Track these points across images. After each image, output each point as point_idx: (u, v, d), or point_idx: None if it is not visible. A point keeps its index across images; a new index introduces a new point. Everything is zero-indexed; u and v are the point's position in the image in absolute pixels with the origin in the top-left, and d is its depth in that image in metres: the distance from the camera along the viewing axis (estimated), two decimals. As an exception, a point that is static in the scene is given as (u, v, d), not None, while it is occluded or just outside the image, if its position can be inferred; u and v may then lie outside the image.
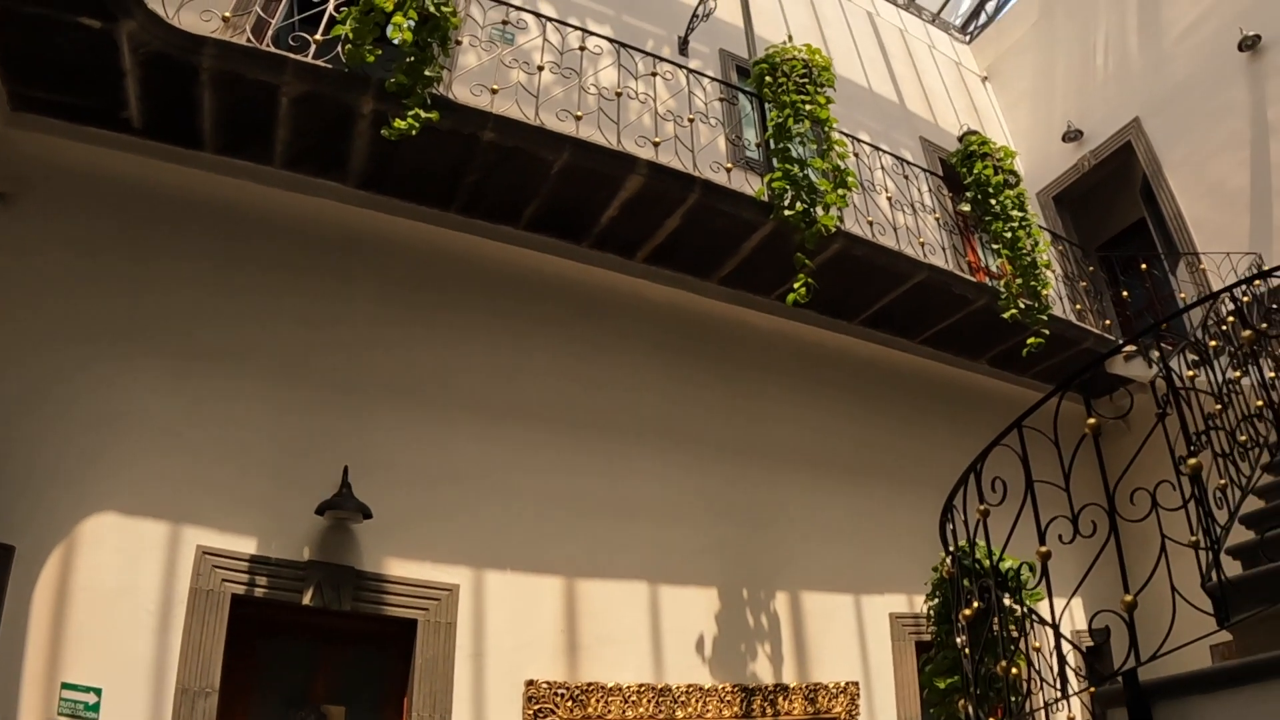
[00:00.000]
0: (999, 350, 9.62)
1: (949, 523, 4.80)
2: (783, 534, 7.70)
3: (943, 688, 6.10)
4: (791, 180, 7.18)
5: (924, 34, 14.62)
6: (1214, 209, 11.29)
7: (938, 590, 6.42)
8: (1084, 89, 13.60)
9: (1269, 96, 11.07)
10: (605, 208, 6.97)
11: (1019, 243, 9.06)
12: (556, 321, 7.29)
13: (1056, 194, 13.36)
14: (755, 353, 8.35)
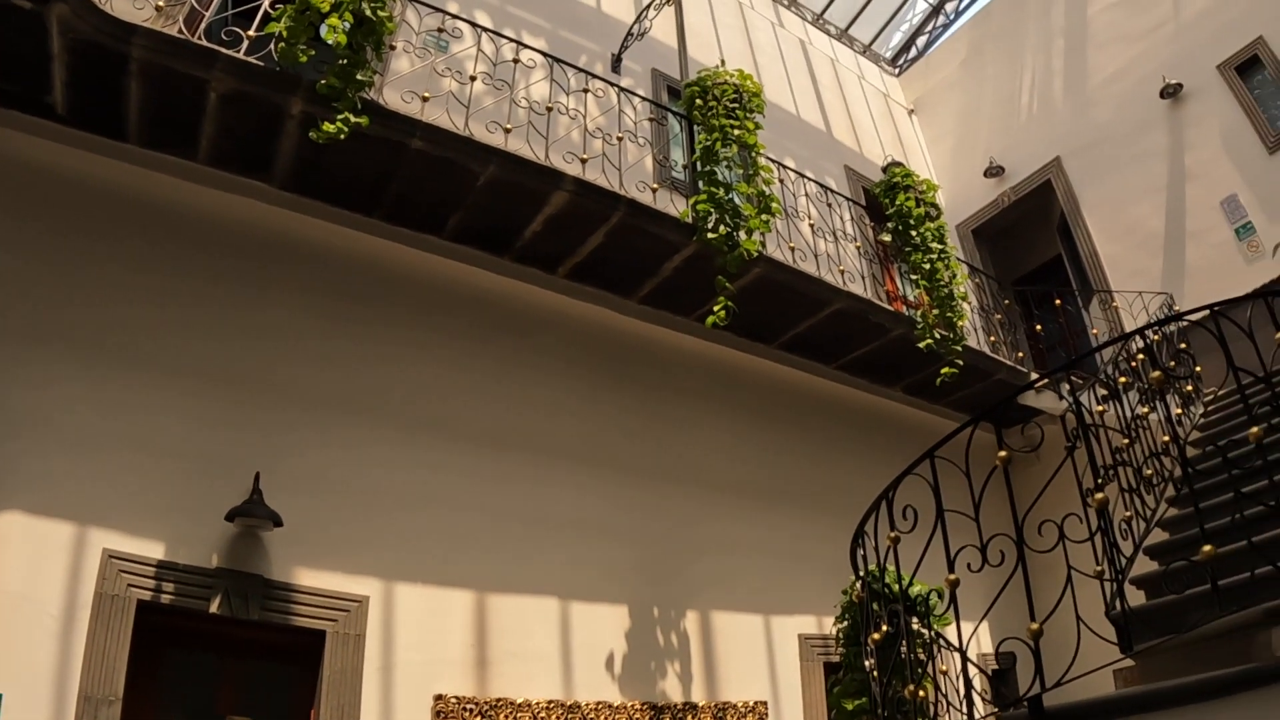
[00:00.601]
0: (914, 379, 9.84)
1: (860, 548, 4.88)
2: (695, 554, 7.79)
3: (851, 709, 6.21)
4: (716, 203, 7.28)
5: (854, 65, 14.94)
6: (1129, 249, 11.70)
7: (847, 613, 6.56)
8: (1008, 127, 14.03)
9: (1187, 143, 11.57)
10: (530, 222, 7.01)
11: (937, 274, 9.27)
12: (477, 336, 7.29)
13: (976, 227, 13.78)
14: (674, 374, 8.45)
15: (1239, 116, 11.26)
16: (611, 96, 8.11)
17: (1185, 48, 12.08)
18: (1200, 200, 11.33)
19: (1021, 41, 14.34)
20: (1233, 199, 10.94)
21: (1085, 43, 13.39)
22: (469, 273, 7.36)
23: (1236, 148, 11.20)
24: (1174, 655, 4.41)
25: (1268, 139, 10.85)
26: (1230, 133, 11.32)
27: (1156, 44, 12.45)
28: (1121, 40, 12.93)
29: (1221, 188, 11.13)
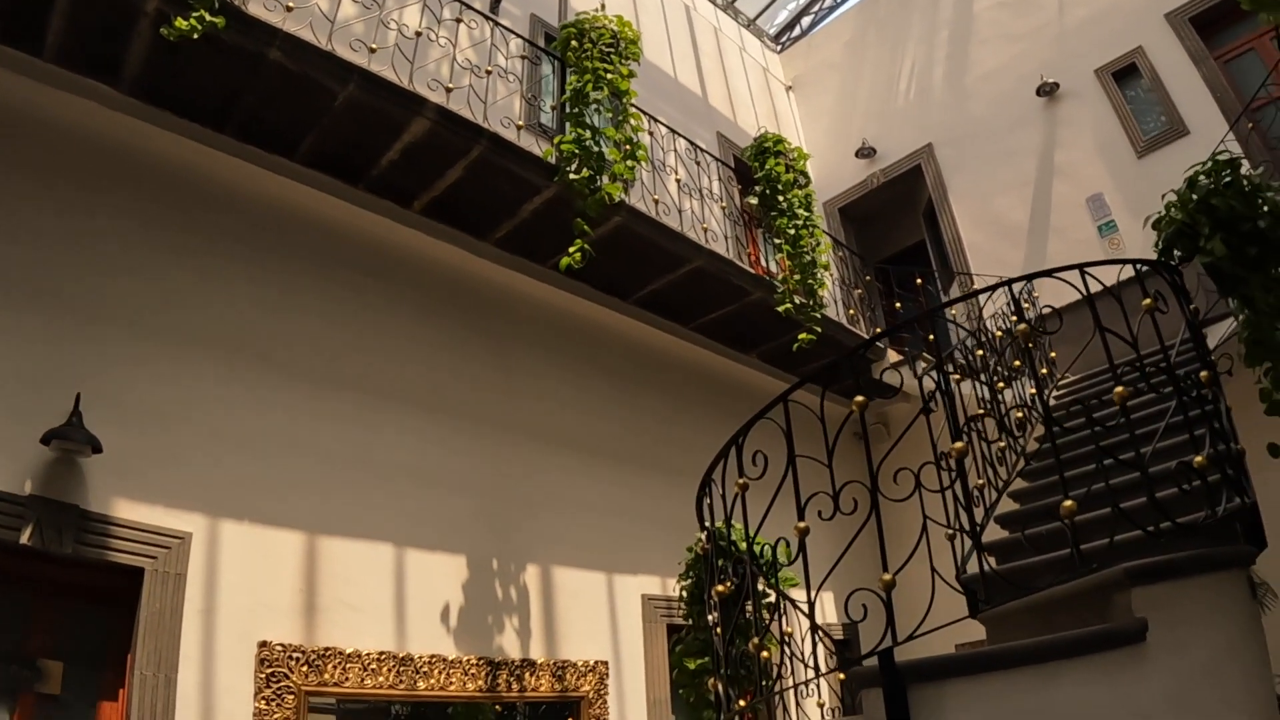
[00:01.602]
0: (770, 346, 10.02)
1: (706, 497, 4.85)
2: (539, 508, 7.71)
3: (693, 668, 6.26)
4: (582, 146, 7.22)
5: (737, 36, 15.03)
6: (992, 238, 12.07)
7: (691, 570, 6.58)
8: (884, 112, 14.33)
9: (1059, 141, 12.05)
10: (387, 150, 6.83)
11: (801, 240, 9.42)
12: (323, 269, 7.01)
13: (843, 206, 14.11)
14: (527, 323, 8.37)
15: (1112, 120, 11.75)
16: (485, 30, 8.00)
17: (1066, 50, 12.56)
18: (1066, 197, 11.79)
19: (906, 30, 14.65)
20: (1098, 198, 11.40)
21: (969, 37, 13.77)
22: (320, 201, 7.10)
23: (1107, 150, 11.69)
24: (1022, 621, 4.53)
25: (1137, 144, 11.36)
26: (1102, 135, 11.80)
27: (1038, 44, 12.91)
28: (1004, 38, 13.35)
29: (1088, 186, 11.61)
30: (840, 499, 3.73)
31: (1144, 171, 11.12)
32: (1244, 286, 5.34)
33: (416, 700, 6.33)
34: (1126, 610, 3.47)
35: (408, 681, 6.19)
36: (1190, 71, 11.32)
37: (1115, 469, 4.46)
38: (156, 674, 5.25)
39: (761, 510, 4.07)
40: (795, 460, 3.97)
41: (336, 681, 5.85)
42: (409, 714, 6.45)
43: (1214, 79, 11.10)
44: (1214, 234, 5.46)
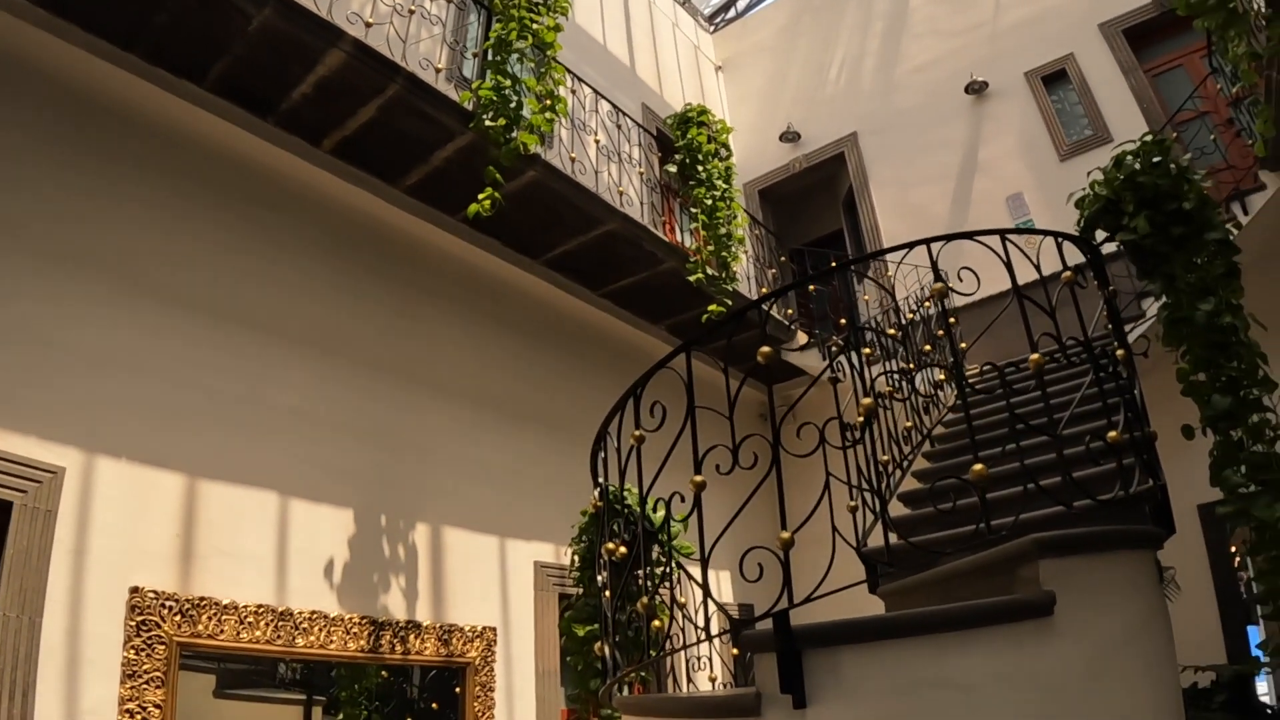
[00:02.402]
0: (679, 318, 10.02)
1: (601, 451, 4.76)
2: (432, 466, 7.53)
3: (581, 635, 6.18)
4: (500, 94, 7.13)
5: (671, 12, 15.00)
6: (911, 229, 12.14)
7: (584, 533, 6.54)
8: (812, 98, 14.46)
9: (983, 138, 12.31)
10: (300, 83, 6.61)
11: (718, 212, 9.47)
12: (226, 197, 6.74)
13: (764, 188, 14.23)
14: (433, 275, 8.20)
15: (1038, 122, 12.06)
16: (409, -35, 7.83)
17: (998, 50, 12.84)
18: (987, 193, 12.06)
19: (840, 19, 14.81)
20: (1018, 197, 11.66)
21: (903, 31, 13.98)
22: (226, 131, 6.84)
23: (1030, 150, 11.99)
24: (925, 598, 4.50)
25: (1061, 147, 11.71)
26: (1027, 136, 12.08)
27: (971, 43, 13.18)
28: (938, 34, 13.59)
29: (1010, 185, 11.89)
30: (740, 455, 3.60)
31: (1066, 175, 11.30)
32: (1166, 265, 5.50)
33: (294, 658, 6.01)
34: (1034, 583, 3.41)
35: (286, 637, 5.88)
36: (1119, 81, 11.60)
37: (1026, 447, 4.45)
38: (20, 616, 4.96)
39: (660, 468, 3.99)
40: (695, 411, 3.85)
41: (211, 634, 5.53)
42: (293, 676, 6.11)
43: (1142, 90, 11.37)
44: (1139, 212, 5.67)
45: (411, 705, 6.55)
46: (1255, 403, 5.26)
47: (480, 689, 6.94)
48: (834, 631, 3.17)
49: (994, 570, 3.77)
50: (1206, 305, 5.38)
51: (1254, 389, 5.28)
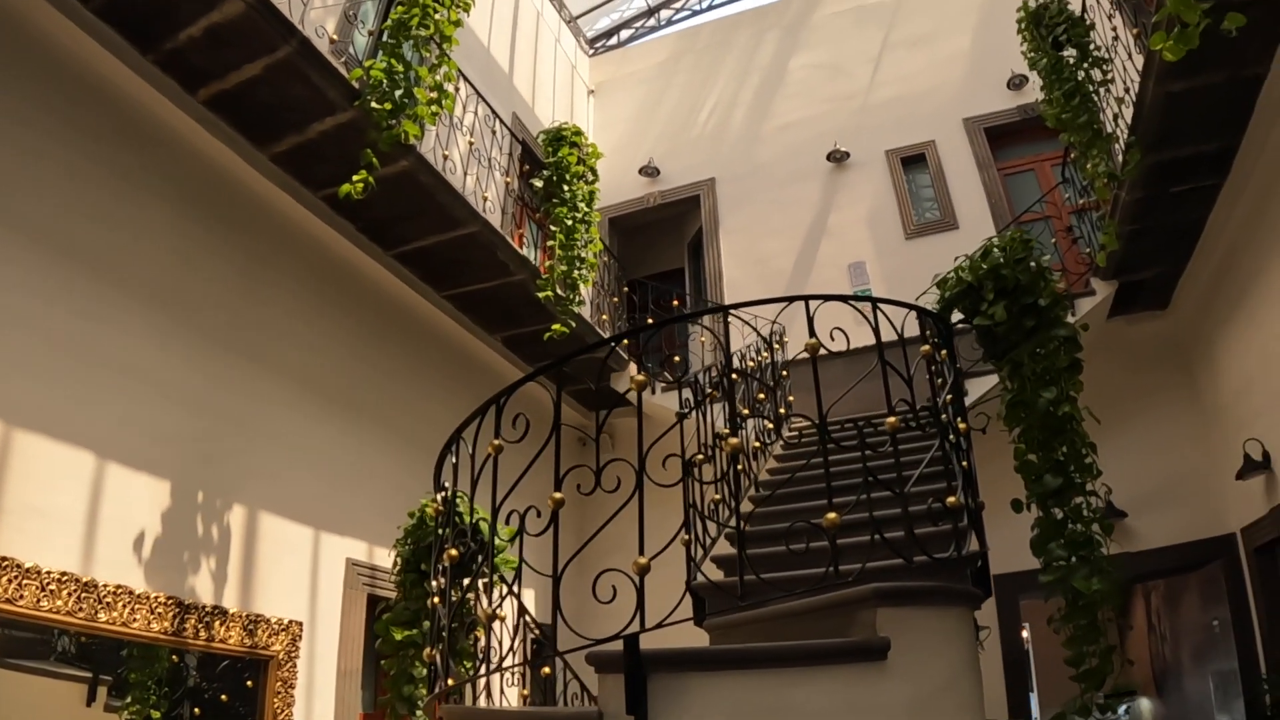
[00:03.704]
0: (518, 331, 9.98)
1: (452, 456, 4.69)
2: (257, 445, 7.11)
3: (400, 639, 6.05)
4: (392, 78, 6.93)
5: (556, 28, 14.96)
6: (753, 279, 12.50)
7: (410, 536, 6.38)
8: (677, 137, 14.65)
9: (836, 204, 12.75)
10: (190, 24, 6.20)
11: (575, 234, 9.41)
12: (75, 124, 6.13)
13: (615, 217, 14.24)
14: (282, 249, 7.79)
15: (890, 199, 12.55)
16: (318, -68, 7.53)
17: (864, 124, 13.34)
18: (831, 256, 12.44)
19: (719, 66, 15.12)
20: (860, 266, 12.02)
21: (777, 88, 14.36)
22: (92, 53, 6.29)
23: (879, 224, 12.46)
24: (749, 635, 4.70)
25: (908, 226, 12.21)
26: (878, 209, 12.56)
27: (841, 112, 13.66)
28: (810, 98, 14.02)
29: (853, 253, 12.28)
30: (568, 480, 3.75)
31: (909, 252, 11.86)
32: (1015, 353, 5.83)
33: (94, 633, 5.45)
34: (871, 628, 3.66)
35: (89, 611, 5.36)
36: (973, 175, 12.15)
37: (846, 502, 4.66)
38: None
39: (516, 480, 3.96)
40: (560, 428, 3.93)
41: (10, 598, 4.95)
42: (77, 652, 5.48)
43: (992, 186, 11.93)
44: (998, 301, 6.09)
45: (200, 694, 6.15)
46: (1080, 486, 5.81)
47: (282, 685, 6.58)
48: (684, 658, 3.41)
49: (829, 613, 4.03)
50: (1048, 394, 5.88)
51: (1079, 474, 5.82)
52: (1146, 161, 7.52)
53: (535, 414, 4.03)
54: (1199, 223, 8.68)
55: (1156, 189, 7.97)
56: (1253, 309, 8.26)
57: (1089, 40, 8.40)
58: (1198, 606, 10.27)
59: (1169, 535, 9.54)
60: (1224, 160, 7.74)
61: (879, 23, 14.48)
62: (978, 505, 4.72)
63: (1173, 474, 9.75)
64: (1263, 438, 8.20)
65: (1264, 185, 7.56)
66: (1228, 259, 8.63)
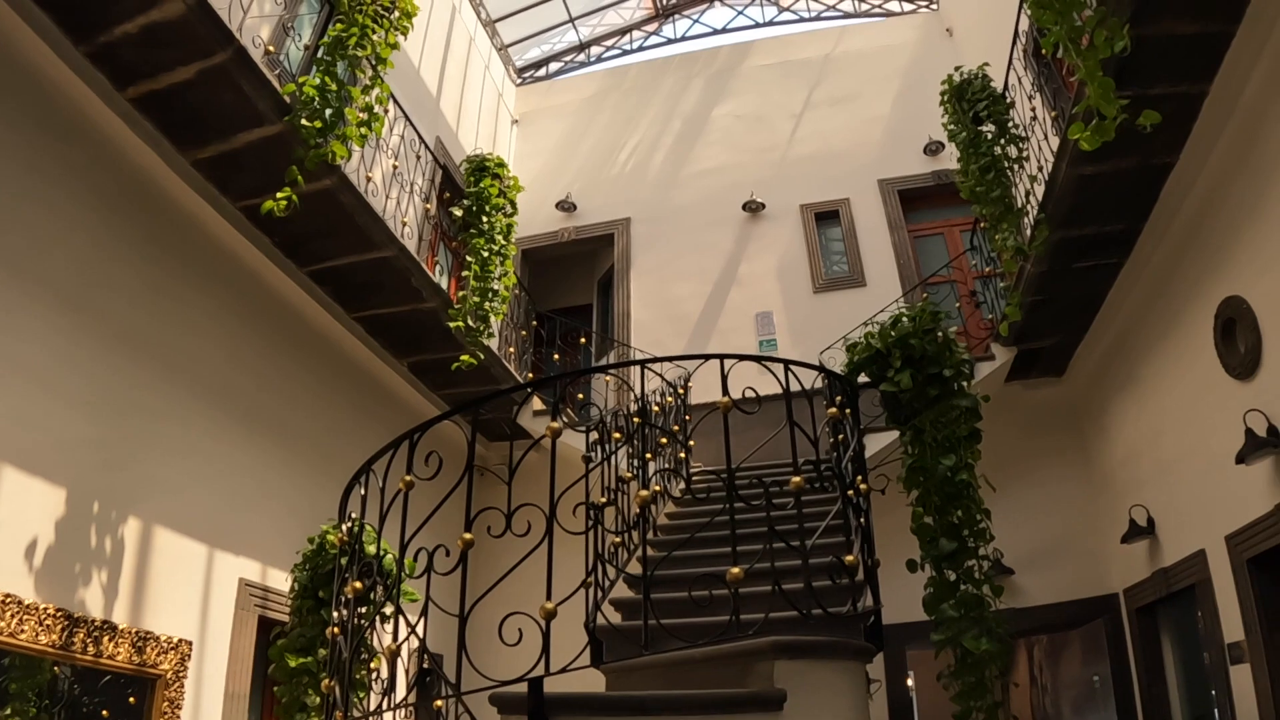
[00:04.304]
0: (424, 358, 9.96)
1: (361, 487, 4.64)
2: (156, 456, 6.86)
3: (294, 666, 5.92)
4: (324, 95, 6.90)
5: (486, 55, 15.03)
6: (659, 320, 12.62)
7: (309, 562, 6.28)
8: (597, 174, 14.78)
9: (747, 254, 12.99)
10: (127, 20, 6.07)
11: (490, 265, 9.40)
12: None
13: (528, 249, 14.26)
14: (195, 256, 7.57)
15: (801, 252, 12.81)
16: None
17: (782, 178, 13.66)
18: (739, 304, 12.63)
19: (644, 107, 15.34)
20: (768, 316, 12.21)
21: (699, 135, 14.61)
22: (26, 41, 6.14)
23: (788, 276, 12.71)
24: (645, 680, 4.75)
25: (818, 280, 12.50)
26: (788, 262, 12.81)
27: (760, 163, 13.97)
28: (731, 147, 14.32)
29: (761, 303, 12.49)
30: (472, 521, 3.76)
31: (816, 306, 12.13)
32: (917, 419, 6.03)
33: None
34: (768, 679, 3.79)
35: None
36: (884, 235, 12.51)
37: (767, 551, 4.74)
38: None
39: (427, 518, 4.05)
40: (474, 469, 3.97)
41: None
42: None
43: (902, 247, 12.27)
44: (904, 368, 6.30)
45: (80, 709, 5.93)
46: (973, 550, 6.01)
47: (169, 705, 6.36)
48: (585, 702, 3.56)
49: (727, 662, 4.12)
50: (948, 461, 6.09)
51: (973, 539, 6.02)
52: (1054, 238, 7.89)
53: (446, 448, 4.03)
54: (1099, 297, 9.12)
55: (1061, 263, 8.37)
56: (1144, 383, 8.73)
57: (1008, 118, 8.75)
58: (1079, 662, 10.62)
59: (1055, 593, 9.93)
60: (1128, 240, 8.17)
61: (805, 79, 14.88)
62: (874, 563, 4.92)
63: (1061, 534, 10.18)
64: (1148, 504, 8.67)
65: (1163, 267, 7.99)
66: (1124, 334, 9.09)
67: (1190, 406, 7.75)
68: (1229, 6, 5.94)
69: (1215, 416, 7.13)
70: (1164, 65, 6.25)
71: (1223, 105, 6.51)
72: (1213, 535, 7.27)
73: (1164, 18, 5.89)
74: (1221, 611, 7.22)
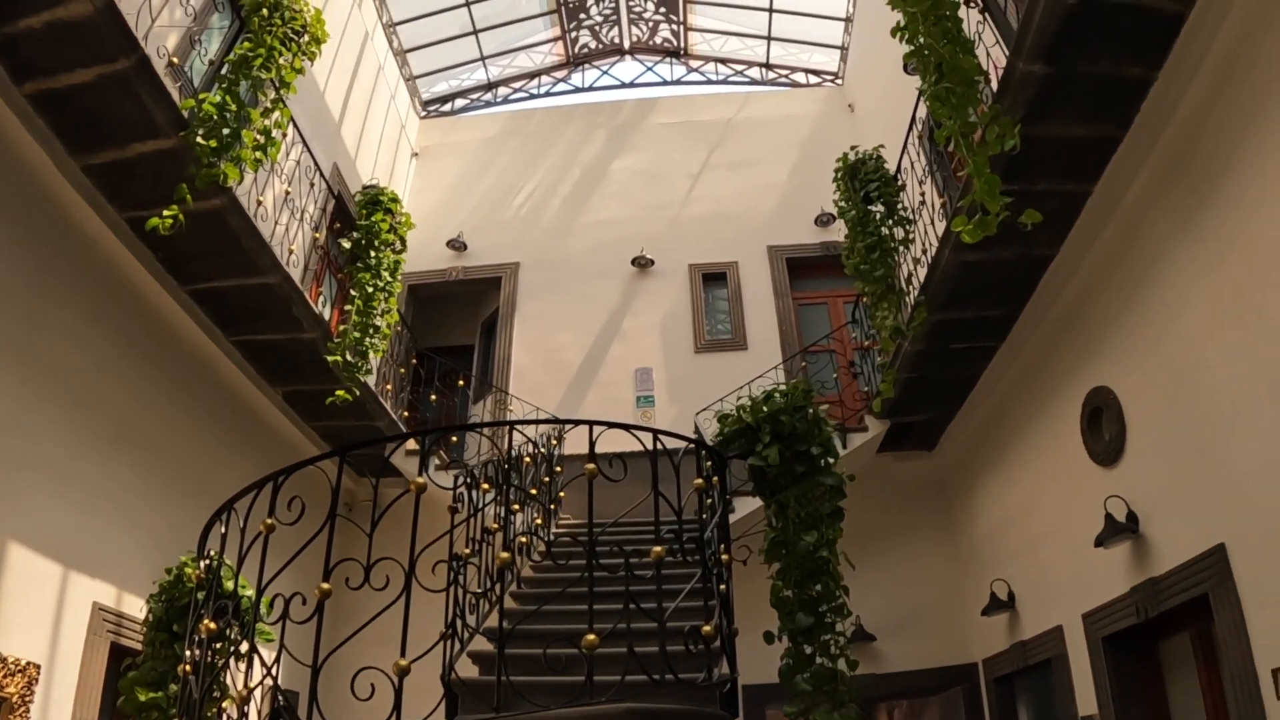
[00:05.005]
0: (299, 388, 9.81)
1: (222, 525, 4.60)
2: (11, 467, 6.50)
3: (143, 700, 5.77)
4: (223, 114, 6.80)
5: (394, 84, 15.05)
6: (540, 368, 12.69)
7: (166, 593, 6.15)
8: (491, 215, 14.83)
9: (633, 309, 13.20)
10: (32, 14, 5.89)
11: (374, 301, 9.31)
12: None
13: (415, 284, 14.16)
14: (72, 262, 7.31)
15: (686, 312, 13.06)
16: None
17: (674, 236, 13.93)
18: (622, 358, 12.77)
19: (544, 154, 15.48)
20: (647, 372, 12.33)
21: (596, 186, 14.81)
22: None
23: (671, 333, 12.98)
24: None
25: (700, 340, 12.77)
26: (673, 320, 13.08)
27: (653, 220, 14.23)
28: (627, 200, 14.54)
29: (642, 359, 12.63)
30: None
31: (696, 365, 12.36)
32: (782, 494, 6.27)
33: None
34: None
35: None
36: (769, 300, 12.83)
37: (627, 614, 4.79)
38: None
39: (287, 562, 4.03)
40: (336, 518, 3.99)
41: None
42: None
43: (785, 314, 12.59)
44: (773, 444, 6.40)
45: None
46: (830, 625, 6.10)
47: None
48: None
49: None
50: (810, 537, 6.16)
51: (831, 615, 6.11)
52: (932, 319, 8.21)
53: (314, 483, 4.02)
54: (973, 378, 9.51)
55: (938, 343, 8.73)
56: (1012, 463, 9.13)
57: (898, 200, 9.07)
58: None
59: (916, 660, 10.23)
60: (1004, 326, 8.56)
61: (705, 141, 15.22)
62: (732, 631, 5.04)
63: (924, 603, 10.53)
64: (1009, 579, 9.06)
65: (1037, 353, 8.39)
66: (995, 414, 9.49)
67: (1055, 488, 8.14)
68: (1119, 114, 6.31)
69: (1078, 499, 7.52)
70: (1052, 164, 6.61)
71: (1105, 205, 6.90)
72: (1070, 612, 7.66)
73: (1056, 120, 6.25)
74: (1076, 685, 7.62)
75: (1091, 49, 5.77)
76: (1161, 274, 6.38)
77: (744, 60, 17.28)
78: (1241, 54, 5.35)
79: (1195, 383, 6.02)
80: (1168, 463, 6.38)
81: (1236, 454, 5.56)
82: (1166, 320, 6.34)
